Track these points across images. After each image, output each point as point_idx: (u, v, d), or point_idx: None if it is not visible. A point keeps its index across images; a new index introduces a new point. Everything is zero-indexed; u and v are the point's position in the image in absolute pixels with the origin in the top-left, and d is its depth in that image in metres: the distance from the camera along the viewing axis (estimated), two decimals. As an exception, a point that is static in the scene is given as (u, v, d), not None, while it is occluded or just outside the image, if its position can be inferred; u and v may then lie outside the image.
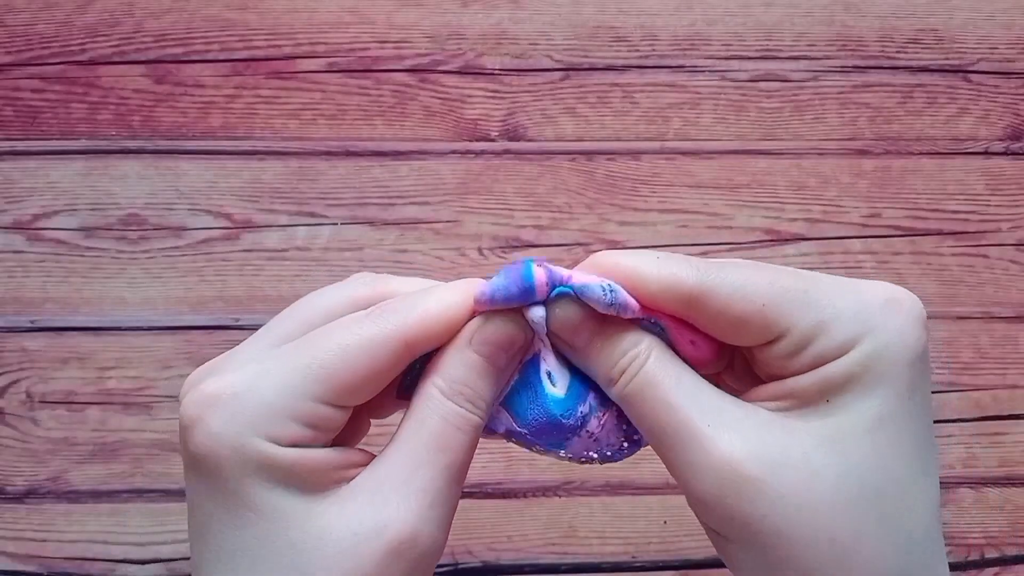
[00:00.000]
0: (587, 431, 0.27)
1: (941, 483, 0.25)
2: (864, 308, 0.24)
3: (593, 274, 0.25)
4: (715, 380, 0.27)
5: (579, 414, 0.27)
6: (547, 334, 0.26)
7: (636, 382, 0.25)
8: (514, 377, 0.27)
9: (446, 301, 0.25)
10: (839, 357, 0.24)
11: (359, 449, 0.26)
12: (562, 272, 0.25)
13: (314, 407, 0.24)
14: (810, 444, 0.23)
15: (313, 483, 0.24)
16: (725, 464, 0.23)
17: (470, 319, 0.25)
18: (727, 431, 0.24)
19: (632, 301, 0.25)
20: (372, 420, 0.29)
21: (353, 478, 0.25)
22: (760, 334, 0.24)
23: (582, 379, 0.27)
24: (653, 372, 0.25)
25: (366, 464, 0.25)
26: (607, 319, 0.25)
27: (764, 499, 0.23)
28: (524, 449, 0.29)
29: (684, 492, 0.25)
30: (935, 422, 0.60)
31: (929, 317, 0.26)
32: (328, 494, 0.24)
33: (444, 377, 0.25)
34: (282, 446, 0.24)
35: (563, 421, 0.27)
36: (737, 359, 0.27)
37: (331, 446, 0.25)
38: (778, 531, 0.23)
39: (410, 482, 0.24)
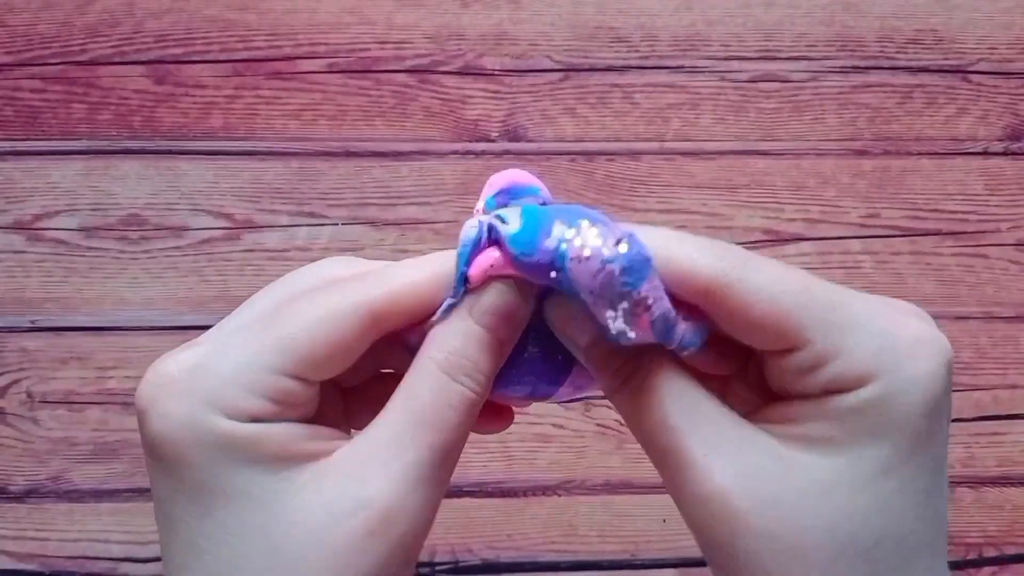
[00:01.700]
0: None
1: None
2: (889, 344, 0.22)
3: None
4: (725, 388, 0.26)
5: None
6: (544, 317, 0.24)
7: (636, 396, 0.23)
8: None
9: (414, 270, 0.23)
10: (852, 390, 0.22)
11: (332, 429, 0.24)
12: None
13: (276, 379, 0.22)
14: (807, 485, 0.22)
15: (282, 460, 0.22)
16: (717, 496, 0.22)
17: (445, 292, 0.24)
18: (723, 460, 0.22)
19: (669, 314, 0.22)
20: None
21: (332, 453, 0.23)
22: (776, 340, 0.23)
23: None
24: (654, 388, 0.23)
25: (344, 439, 0.23)
26: None
27: (753, 536, 0.22)
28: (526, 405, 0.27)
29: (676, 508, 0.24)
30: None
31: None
32: (302, 471, 0.22)
33: (440, 348, 0.23)
34: (242, 422, 0.22)
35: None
36: (752, 367, 0.26)
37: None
38: (766, 571, 0.22)
39: (395, 459, 0.22)
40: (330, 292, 0.23)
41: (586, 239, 0.22)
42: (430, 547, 0.59)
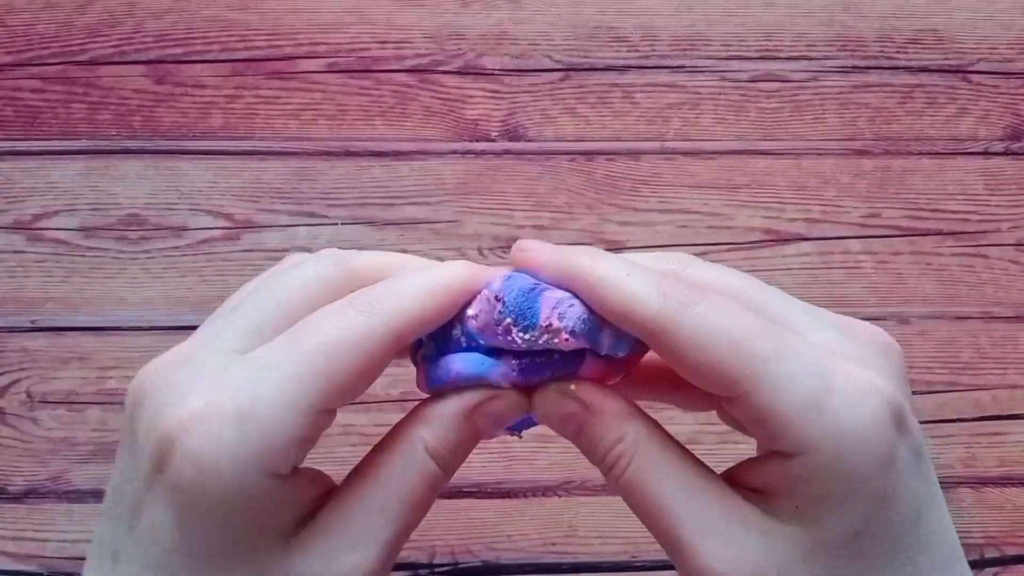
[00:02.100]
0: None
1: (941, 483, 0.25)
2: (828, 402, 0.22)
3: (560, 287, 0.24)
4: (718, 408, 0.26)
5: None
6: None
7: (625, 480, 0.24)
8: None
9: (438, 293, 0.23)
10: (793, 456, 0.22)
11: (323, 473, 0.24)
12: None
13: (313, 420, 0.22)
14: (789, 559, 0.22)
15: (287, 520, 0.22)
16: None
17: (463, 306, 0.24)
18: (712, 539, 0.23)
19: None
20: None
21: (317, 510, 0.23)
22: (716, 388, 0.23)
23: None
24: (640, 471, 0.23)
25: (327, 493, 0.24)
26: (592, 405, 0.24)
27: None
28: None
29: None
30: (935, 422, 0.60)
31: (929, 317, 0.24)
32: (295, 534, 0.23)
33: (433, 434, 0.24)
34: (280, 476, 0.21)
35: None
36: None
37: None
38: None
39: (378, 533, 0.23)
40: (352, 315, 0.22)
41: (476, 308, 0.24)
42: (430, 548, 0.59)
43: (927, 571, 0.23)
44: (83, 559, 0.24)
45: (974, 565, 0.60)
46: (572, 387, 0.24)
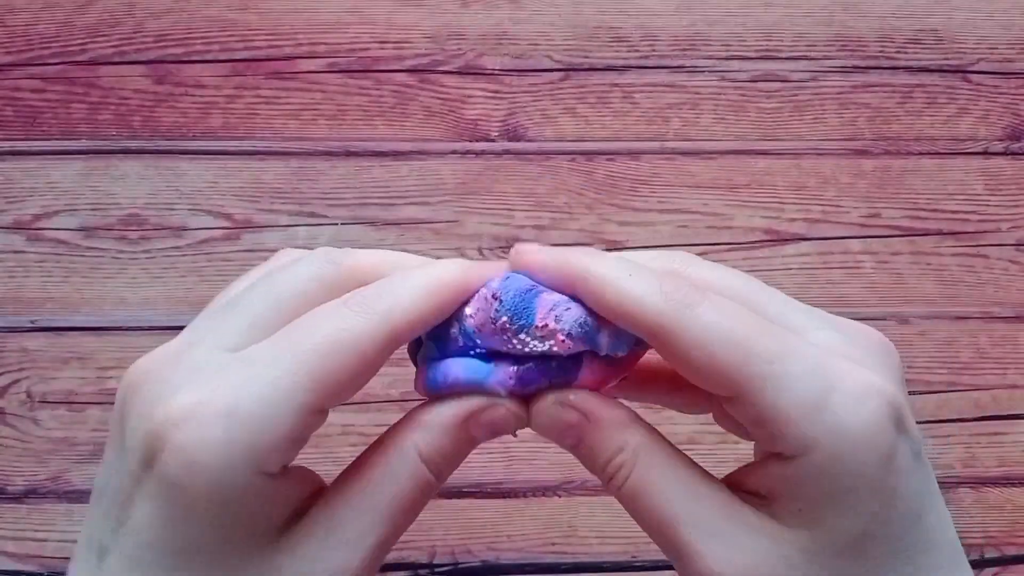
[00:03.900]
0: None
1: (941, 484, 0.25)
2: (828, 402, 0.22)
3: (556, 290, 0.23)
4: (720, 411, 0.26)
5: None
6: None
7: (628, 488, 0.24)
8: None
9: (435, 292, 0.23)
10: (794, 457, 0.22)
11: (313, 472, 0.24)
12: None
13: (305, 419, 0.22)
14: (792, 559, 0.22)
15: (275, 519, 0.22)
16: None
17: (460, 306, 0.24)
18: (718, 546, 0.23)
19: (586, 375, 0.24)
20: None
21: (305, 511, 0.23)
22: (717, 389, 0.23)
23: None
24: (642, 479, 0.23)
25: (317, 493, 0.24)
26: (591, 415, 0.24)
27: None
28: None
29: None
30: (935, 422, 0.60)
31: (929, 317, 0.24)
32: (282, 533, 0.23)
33: (427, 441, 0.23)
34: (271, 473, 0.21)
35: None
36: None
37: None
38: None
39: (366, 536, 0.23)
40: (348, 315, 0.22)
41: (474, 307, 0.24)
42: (429, 548, 0.59)
43: (928, 571, 0.23)
44: (83, 559, 0.24)
45: (974, 565, 0.60)
46: (571, 396, 0.24)
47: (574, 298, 0.23)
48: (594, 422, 0.24)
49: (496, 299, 0.23)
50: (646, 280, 0.23)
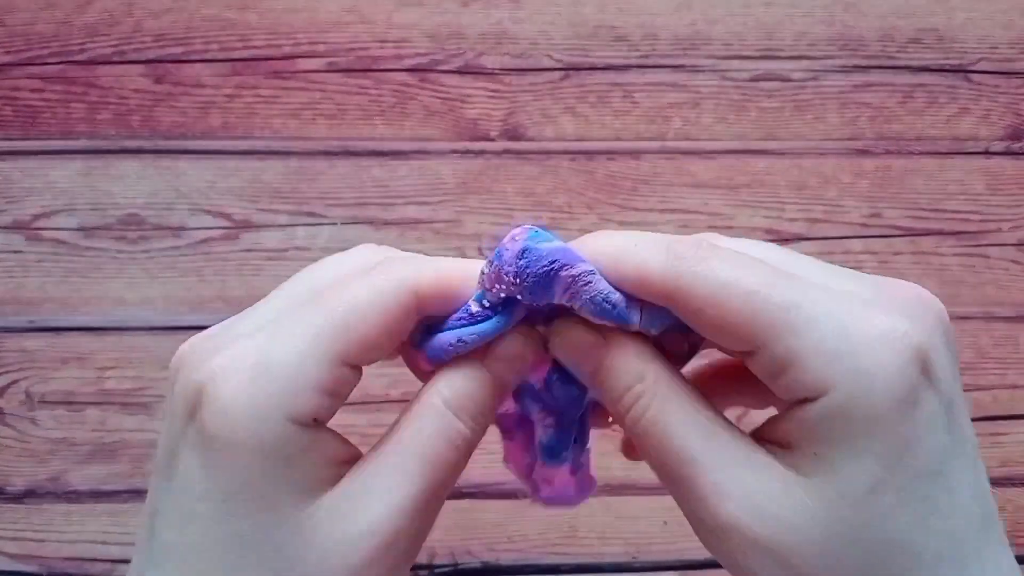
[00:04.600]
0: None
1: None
2: (845, 345, 0.21)
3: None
4: (739, 385, 0.26)
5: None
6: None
7: (645, 421, 0.23)
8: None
9: (457, 269, 0.24)
10: (815, 399, 0.21)
11: (351, 443, 0.25)
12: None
13: (335, 370, 0.22)
14: (806, 506, 0.22)
15: (313, 475, 0.23)
16: (732, 526, 0.22)
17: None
18: (735, 487, 0.22)
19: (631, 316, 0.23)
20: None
21: (342, 475, 0.23)
22: (735, 343, 0.22)
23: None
24: (660, 414, 0.23)
25: (354, 460, 0.24)
26: (611, 342, 0.24)
27: (769, 562, 0.22)
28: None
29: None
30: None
31: None
32: (318, 491, 0.23)
33: (450, 387, 0.24)
34: (303, 425, 0.22)
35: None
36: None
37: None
38: None
39: (396, 490, 0.23)
40: (374, 274, 0.23)
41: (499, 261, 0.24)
42: (429, 549, 0.59)
43: (942, 538, 0.22)
44: (82, 559, 0.24)
45: (975, 566, 0.60)
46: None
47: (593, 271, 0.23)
48: (614, 346, 0.24)
49: (515, 284, 0.23)
50: (654, 243, 0.23)
